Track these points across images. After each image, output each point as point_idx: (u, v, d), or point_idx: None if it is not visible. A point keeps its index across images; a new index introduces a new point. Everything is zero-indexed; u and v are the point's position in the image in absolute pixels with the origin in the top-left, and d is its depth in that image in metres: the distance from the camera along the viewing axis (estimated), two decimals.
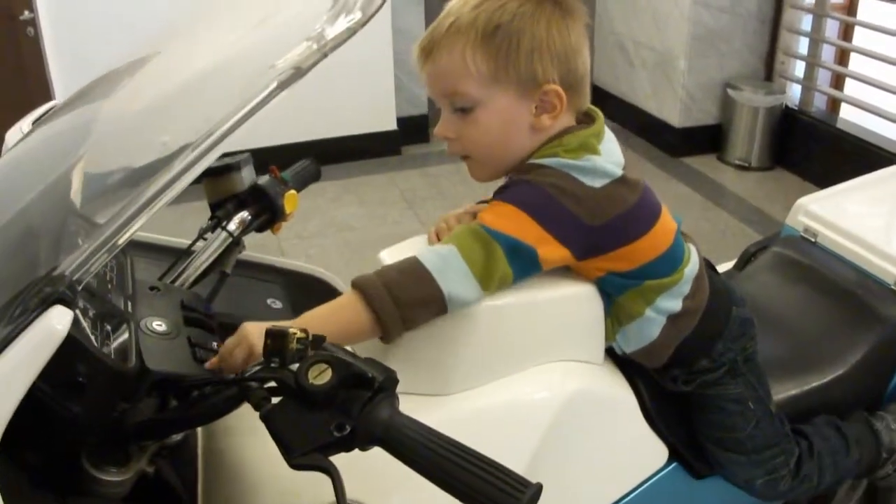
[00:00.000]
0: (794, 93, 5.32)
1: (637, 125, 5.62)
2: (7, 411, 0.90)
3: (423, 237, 1.46)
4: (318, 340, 1.05)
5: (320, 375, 0.99)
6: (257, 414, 1.04)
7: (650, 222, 1.39)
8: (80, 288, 0.95)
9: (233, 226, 1.52)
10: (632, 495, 1.52)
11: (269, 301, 1.79)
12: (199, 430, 1.41)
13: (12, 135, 1.52)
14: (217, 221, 1.52)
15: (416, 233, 1.46)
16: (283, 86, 1.06)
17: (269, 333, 1.04)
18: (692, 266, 1.46)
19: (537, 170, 1.33)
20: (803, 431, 1.71)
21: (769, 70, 5.37)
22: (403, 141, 5.48)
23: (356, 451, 1.00)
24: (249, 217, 1.56)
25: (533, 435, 1.33)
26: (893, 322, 1.86)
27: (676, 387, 1.53)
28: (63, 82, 4.47)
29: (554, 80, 1.33)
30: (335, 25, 1.11)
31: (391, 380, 1.02)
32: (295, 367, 1.02)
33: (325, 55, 1.09)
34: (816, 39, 5.12)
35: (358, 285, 1.24)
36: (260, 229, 1.59)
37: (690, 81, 5.29)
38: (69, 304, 0.93)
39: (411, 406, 1.03)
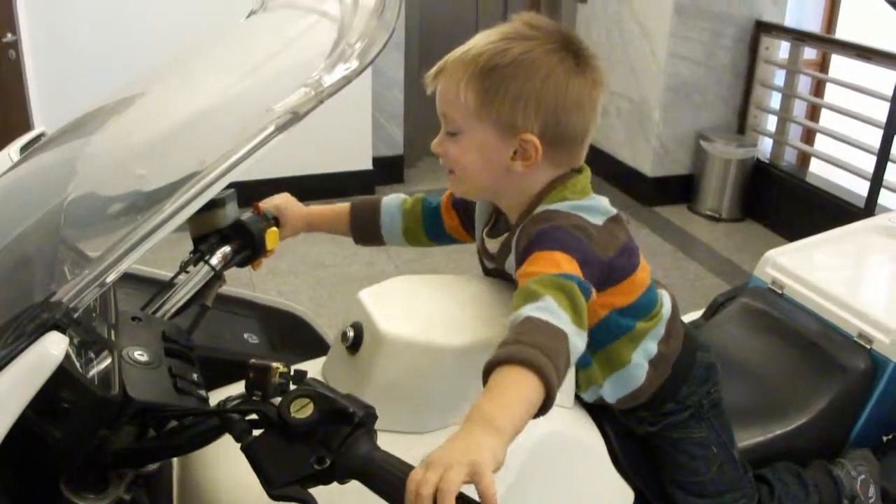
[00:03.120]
0: (765, 146, 5.40)
1: (610, 173, 5.64)
2: (0, 434, 0.92)
3: (403, 278, 1.49)
4: (300, 375, 1.08)
5: (302, 409, 1.02)
6: (230, 445, 1.06)
7: (639, 255, 1.46)
8: (75, 316, 0.97)
9: (215, 260, 1.53)
10: None
11: (245, 335, 1.82)
12: (175, 459, 1.42)
13: (0, 161, 1.54)
14: (200, 255, 1.54)
15: (389, 272, 1.49)
16: (280, 129, 1.09)
17: (252, 367, 1.07)
18: (667, 308, 1.51)
19: (553, 215, 1.36)
20: (765, 477, 1.75)
21: (742, 123, 5.45)
22: (378, 181, 5.48)
23: (335, 483, 1.02)
24: (231, 252, 1.57)
25: (503, 475, 1.33)
26: (856, 373, 1.91)
27: (643, 428, 1.56)
28: (43, 107, 4.43)
29: (532, 130, 1.34)
30: (333, 73, 1.15)
31: (371, 415, 1.04)
32: (277, 400, 1.04)
33: (322, 101, 1.12)
34: (789, 95, 5.22)
35: (516, 358, 1.11)
36: (241, 264, 1.61)
37: (664, 132, 5.36)
38: (64, 331, 0.95)
39: (387, 443, 1.05)
